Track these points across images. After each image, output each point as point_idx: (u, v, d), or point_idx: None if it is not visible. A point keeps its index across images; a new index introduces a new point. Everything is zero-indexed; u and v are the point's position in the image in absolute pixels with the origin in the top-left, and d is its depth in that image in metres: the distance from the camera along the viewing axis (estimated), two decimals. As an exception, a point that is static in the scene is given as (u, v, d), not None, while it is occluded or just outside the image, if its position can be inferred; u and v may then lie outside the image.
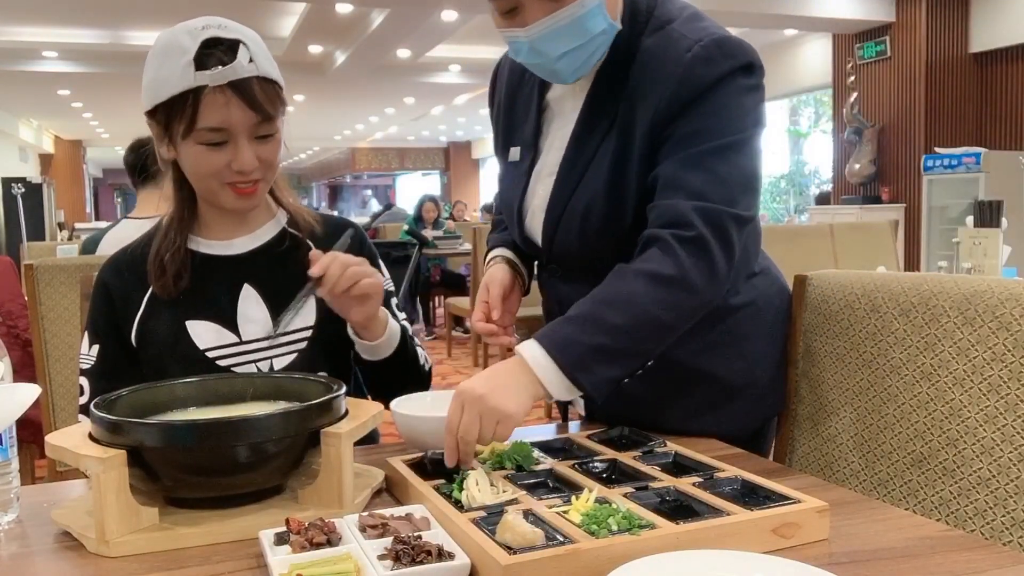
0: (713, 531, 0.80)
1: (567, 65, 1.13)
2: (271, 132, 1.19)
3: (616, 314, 1.03)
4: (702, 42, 1.11)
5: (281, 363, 1.26)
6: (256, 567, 0.81)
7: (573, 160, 1.21)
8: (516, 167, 1.31)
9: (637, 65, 1.15)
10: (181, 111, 1.14)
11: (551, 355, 1.01)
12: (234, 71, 1.12)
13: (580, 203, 1.20)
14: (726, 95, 1.10)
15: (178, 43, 1.14)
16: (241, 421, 0.89)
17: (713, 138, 1.09)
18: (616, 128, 1.17)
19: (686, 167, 1.09)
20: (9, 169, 13.51)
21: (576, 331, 1.03)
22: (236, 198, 1.21)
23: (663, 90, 1.11)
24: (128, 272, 1.29)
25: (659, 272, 1.05)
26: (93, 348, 1.28)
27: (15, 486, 0.95)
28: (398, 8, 7.64)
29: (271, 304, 1.28)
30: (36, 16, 8.48)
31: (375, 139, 21.07)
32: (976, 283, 1.09)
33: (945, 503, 1.09)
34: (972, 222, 3.25)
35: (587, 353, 1.02)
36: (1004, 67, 7.64)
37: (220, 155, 1.17)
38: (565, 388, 1.01)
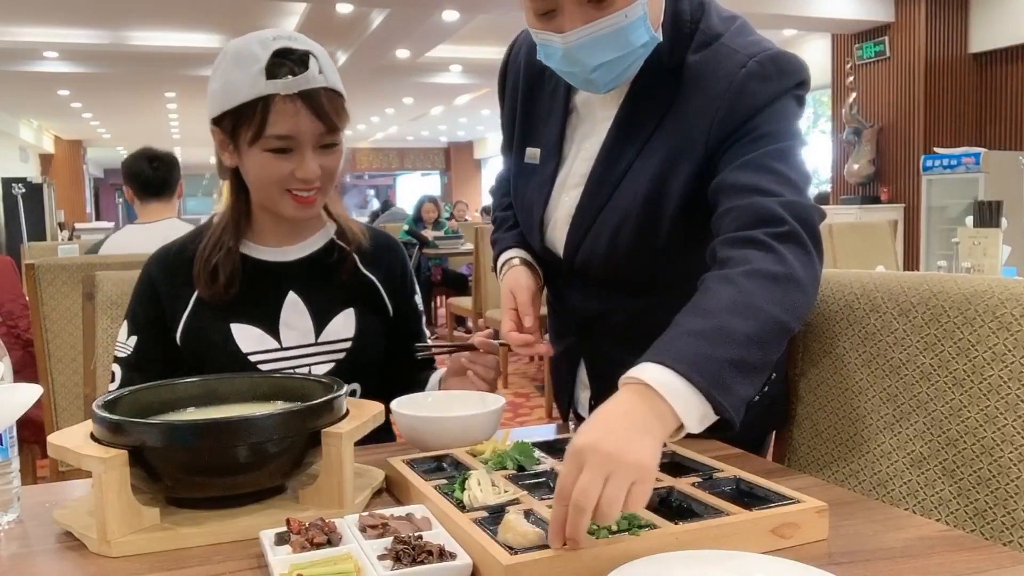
0: (712, 531, 0.80)
1: (602, 76, 1.09)
2: (335, 142, 1.22)
3: (742, 322, 0.90)
4: (756, 58, 1.08)
5: (320, 371, 1.29)
6: (257, 567, 0.81)
7: (604, 173, 1.18)
8: (536, 171, 1.27)
9: (685, 81, 1.11)
10: (250, 118, 1.17)
11: (686, 377, 0.83)
12: (306, 80, 1.16)
13: (612, 217, 1.17)
14: (781, 112, 1.09)
15: (250, 52, 1.17)
16: (242, 421, 0.89)
17: (771, 142, 1.07)
18: (657, 143, 1.13)
19: (751, 171, 1.05)
20: (9, 169, 13.51)
21: (706, 346, 0.87)
22: (296, 207, 1.23)
23: (717, 107, 1.08)
24: (177, 271, 1.30)
25: (770, 271, 0.95)
26: (131, 339, 1.29)
27: (16, 486, 0.95)
28: (398, 8, 7.64)
29: (314, 313, 1.30)
30: (36, 16, 8.48)
31: (376, 139, 21.06)
32: (976, 283, 1.10)
33: (945, 503, 1.09)
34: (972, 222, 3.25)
35: (724, 369, 0.86)
36: (1004, 67, 7.64)
37: (285, 163, 1.19)
38: (700, 416, 0.85)
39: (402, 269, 1.42)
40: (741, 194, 1.04)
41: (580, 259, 1.22)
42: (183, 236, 1.36)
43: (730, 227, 1.02)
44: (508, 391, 5.27)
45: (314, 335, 1.30)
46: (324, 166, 1.22)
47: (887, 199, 8.07)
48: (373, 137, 20.59)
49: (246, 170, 1.24)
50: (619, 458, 0.75)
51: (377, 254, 1.38)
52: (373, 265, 1.37)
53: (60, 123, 16.45)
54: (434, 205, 8.38)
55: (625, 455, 0.75)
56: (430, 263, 7.61)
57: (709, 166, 1.10)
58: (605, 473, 0.74)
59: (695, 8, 1.14)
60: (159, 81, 11.34)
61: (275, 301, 1.29)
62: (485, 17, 8.24)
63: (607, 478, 0.74)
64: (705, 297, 0.94)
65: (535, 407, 4.86)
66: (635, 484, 0.75)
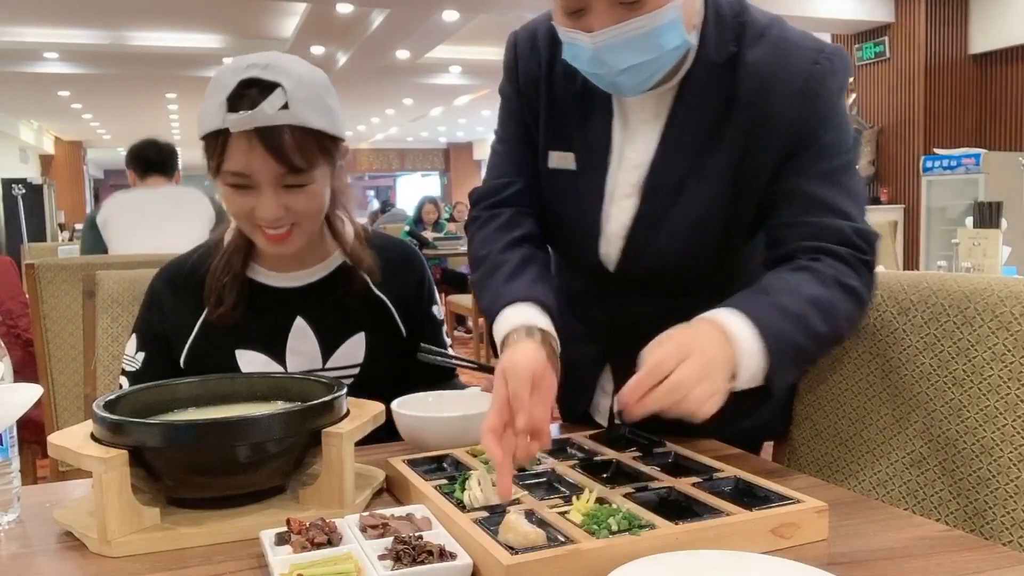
0: (712, 531, 0.80)
1: (630, 79, 1.03)
2: (302, 183, 1.14)
3: (820, 321, 0.98)
4: (824, 53, 1.07)
5: None
6: (257, 567, 0.81)
7: (661, 179, 1.12)
8: (573, 180, 1.17)
9: (748, 78, 1.07)
10: (212, 150, 1.13)
11: (764, 341, 0.93)
12: (254, 118, 1.08)
13: (682, 223, 1.12)
14: (843, 109, 1.10)
15: (222, 79, 1.12)
16: (242, 421, 0.89)
17: (841, 153, 1.08)
18: (723, 140, 1.09)
19: (826, 185, 1.06)
20: (9, 170, 13.52)
21: (790, 327, 0.96)
22: (267, 243, 1.19)
23: (795, 105, 1.06)
24: (184, 292, 1.27)
25: (853, 288, 1.02)
26: (139, 354, 1.28)
27: (16, 486, 0.95)
28: (398, 8, 7.64)
29: (321, 338, 1.28)
30: (36, 17, 8.48)
31: (376, 140, 21.07)
32: (976, 282, 1.10)
33: (944, 503, 1.09)
34: (972, 223, 3.26)
35: (793, 352, 0.96)
36: (1003, 68, 7.64)
37: (245, 199, 1.14)
38: (751, 378, 0.94)
39: (418, 281, 1.36)
40: (815, 210, 1.06)
41: (639, 270, 1.16)
42: (191, 254, 1.32)
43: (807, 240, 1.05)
44: (508, 392, 5.25)
45: (321, 361, 1.28)
46: (291, 206, 1.14)
47: (887, 200, 8.07)
48: (373, 138, 20.60)
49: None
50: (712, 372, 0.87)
51: (390, 272, 1.33)
52: (385, 285, 1.33)
53: (60, 124, 16.46)
54: (434, 206, 8.38)
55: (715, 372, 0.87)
56: (430, 263, 7.62)
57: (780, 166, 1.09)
58: (702, 375, 0.85)
59: (733, 2, 1.11)
60: (159, 82, 11.35)
61: (282, 327, 1.27)
62: (485, 17, 8.24)
63: (700, 380, 0.85)
64: (796, 280, 1.01)
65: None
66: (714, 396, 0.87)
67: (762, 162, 1.09)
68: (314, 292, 1.28)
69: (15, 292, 2.80)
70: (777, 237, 1.09)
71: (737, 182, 1.10)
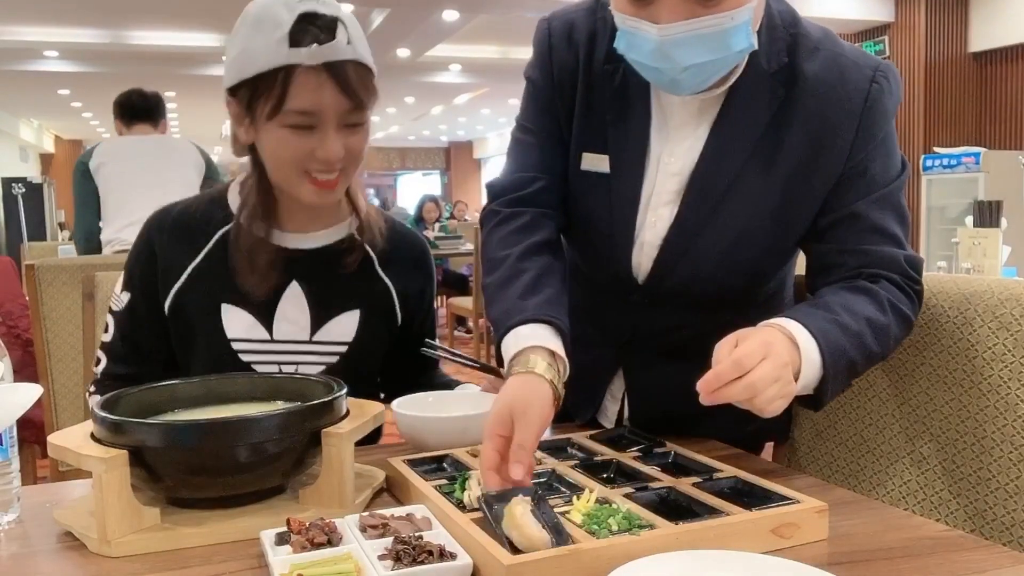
0: (712, 531, 0.80)
1: (691, 78, 0.98)
2: (361, 121, 1.13)
3: (875, 342, 1.01)
4: (879, 70, 1.06)
5: (308, 370, 1.22)
6: (257, 567, 0.81)
7: (705, 188, 1.08)
8: (603, 182, 1.12)
9: (806, 89, 1.05)
10: (269, 90, 1.07)
11: (824, 358, 0.95)
12: (332, 51, 1.05)
13: (723, 235, 1.09)
14: (894, 126, 1.10)
15: (273, 15, 1.06)
16: (242, 421, 0.89)
17: (894, 176, 1.08)
18: (771, 151, 1.06)
19: (884, 209, 1.07)
20: (9, 169, 13.51)
21: (847, 343, 0.98)
22: (315, 191, 1.14)
23: (852, 123, 1.05)
24: (177, 233, 1.22)
25: (907, 316, 1.05)
26: (124, 295, 1.25)
27: (16, 486, 0.95)
28: (398, 8, 7.64)
29: (314, 308, 1.22)
30: (36, 16, 8.48)
31: (376, 139, 20.95)
32: (975, 283, 1.10)
33: (944, 503, 1.09)
34: (972, 222, 3.25)
35: (846, 368, 0.99)
36: (1004, 67, 7.64)
37: (306, 141, 1.10)
38: (802, 390, 0.96)
39: (422, 287, 1.33)
40: (875, 237, 1.06)
41: (670, 281, 1.13)
42: (184, 201, 1.27)
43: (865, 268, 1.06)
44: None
45: (309, 332, 1.22)
46: (348, 146, 1.12)
47: (887, 199, 8.07)
48: (374, 136, 20.47)
49: (262, 147, 1.14)
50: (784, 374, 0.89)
51: (397, 258, 1.29)
52: (391, 270, 1.28)
53: (60, 123, 16.46)
54: (435, 205, 8.39)
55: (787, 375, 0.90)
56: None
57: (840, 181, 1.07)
58: (777, 375, 0.88)
59: (784, 13, 1.08)
60: (159, 80, 11.32)
61: (276, 289, 1.20)
62: (485, 17, 8.23)
63: (774, 381, 0.88)
64: (855, 299, 1.02)
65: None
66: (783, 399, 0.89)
67: (818, 179, 1.07)
68: (316, 258, 1.23)
69: (15, 293, 2.80)
70: (833, 262, 1.09)
71: (788, 197, 1.07)
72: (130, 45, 9.37)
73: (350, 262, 1.23)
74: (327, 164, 1.11)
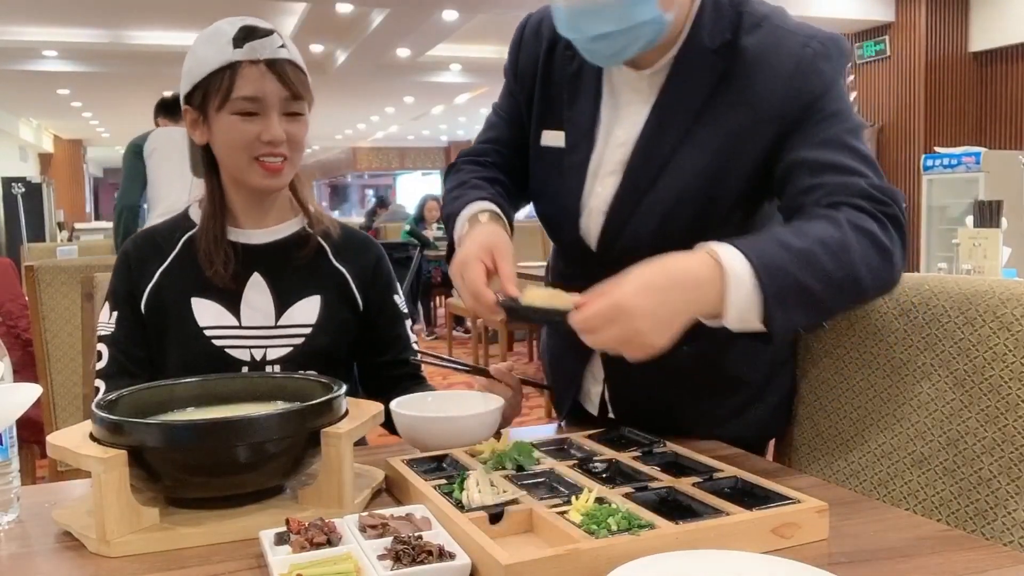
0: (713, 531, 0.80)
1: (602, 48, 1.08)
2: (300, 111, 1.28)
3: (830, 260, 0.95)
4: (818, 38, 1.09)
5: (276, 353, 1.30)
6: (256, 567, 0.81)
7: (646, 158, 1.15)
8: (561, 157, 1.22)
9: (742, 63, 1.10)
10: (219, 85, 1.23)
11: (757, 274, 0.90)
12: (269, 49, 1.23)
13: (660, 203, 1.14)
14: (841, 91, 1.11)
15: (218, 30, 1.25)
16: (241, 421, 0.89)
17: (844, 120, 1.08)
18: (708, 125, 1.11)
19: (832, 149, 1.06)
20: (9, 169, 13.50)
21: (789, 260, 0.93)
22: (263, 174, 1.26)
23: (786, 87, 1.08)
24: (148, 244, 1.36)
25: (875, 235, 0.99)
26: (112, 315, 1.33)
27: (15, 486, 0.95)
28: (398, 8, 7.63)
29: (276, 295, 1.32)
30: (36, 16, 8.48)
31: (376, 138, 21.06)
32: (976, 283, 1.10)
33: (945, 503, 1.09)
34: (972, 222, 3.25)
35: (794, 289, 0.92)
36: (1004, 67, 7.63)
37: (252, 126, 1.24)
38: (744, 316, 0.91)
39: (375, 265, 1.42)
40: (828, 171, 1.05)
41: (618, 248, 1.17)
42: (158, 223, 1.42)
43: (824, 199, 1.03)
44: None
45: (274, 318, 1.31)
46: (290, 133, 1.26)
47: (887, 199, 8.07)
48: (373, 136, 20.59)
49: (216, 140, 1.28)
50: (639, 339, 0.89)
51: (349, 248, 1.40)
52: (344, 259, 1.39)
53: (60, 122, 16.45)
54: (437, 204, 8.38)
55: (645, 337, 0.89)
56: (431, 264, 7.61)
57: (777, 146, 1.09)
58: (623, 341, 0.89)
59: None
60: (159, 80, 11.31)
61: (239, 281, 1.31)
62: (484, 17, 8.23)
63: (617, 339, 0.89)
64: (809, 224, 0.99)
65: (534, 407, 4.86)
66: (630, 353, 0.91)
67: (752, 144, 1.10)
68: (273, 250, 1.34)
69: (15, 294, 2.80)
70: (793, 206, 1.08)
71: (721, 164, 1.12)
72: (130, 45, 9.37)
73: (305, 253, 1.36)
74: (272, 145, 1.25)
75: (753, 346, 1.13)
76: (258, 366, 1.29)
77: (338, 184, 27.38)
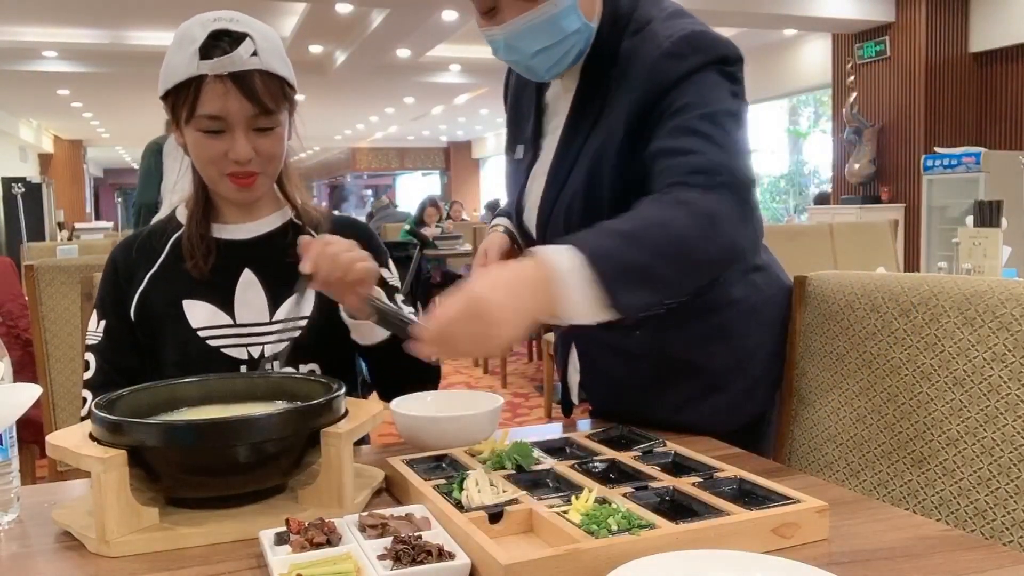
0: (713, 531, 0.80)
1: (542, 62, 1.18)
2: (271, 125, 1.22)
3: (656, 233, 0.97)
4: (672, 38, 1.13)
5: (273, 349, 1.28)
6: (256, 567, 0.81)
7: (560, 159, 1.25)
8: (519, 165, 1.35)
9: (617, 66, 1.18)
10: (185, 97, 1.19)
11: (589, 264, 0.90)
12: (232, 62, 1.16)
13: (564, 201, 1.24)
14: (701, 84, 1.11)
15: (190, 33, 1.19)
16: (241, 421, 0.89)
17: (698, 108, 1.09)
18: (597, 127, 1.20)
19: (678, 135, 1.08)
20: (9, 169, 13.50)
21: (615, 244, 0.94)
22: (234, 189, 1.24)
23: (637, 86, 1.14)
24: (136, 250, 1.34)
25: (698, 204, 1.00)
26: (100, 324, 1.32)
27: (15, 486, 0.95)
28: (398, 8, 7.63)
29: (269, 291, 1.30)
30: (36, 16, 8.48)
31: (375, 139, 21.06)
32: (976, 283, 1.10)
33: (945, 503, 1.09)
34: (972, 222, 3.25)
35: (627, 268, 0.93)
36: (1004, 67, 7.63)
37: (218, 144, 1.20)
38: (589, 305, 0.91)
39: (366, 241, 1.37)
40: (665, 158, 1.09)
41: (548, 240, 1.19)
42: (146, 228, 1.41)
43: (663, 182, 1.07)
44: (507, 391, 5.27)
45: (268, 314, 1.29)
46: (260, 149, 1.22)
47: (888, 199, 8.07)
48: (373, 136, 20.59)
49: (189, 149, 1.26)
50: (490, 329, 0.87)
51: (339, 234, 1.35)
52: None
53: (60, 123, 16.45)
54: (435, 209, 8.39)
55: (497, 327, 0.87)
56: (431, 264, 7.61)
57: (632, 146, 1.15)
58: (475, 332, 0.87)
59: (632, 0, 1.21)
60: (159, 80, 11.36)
61: (230, 278, 1.29)
62: (485, 17, 8.22)
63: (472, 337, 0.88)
64: (635, 209, 1.02)
65: (534, 407, 4.86)
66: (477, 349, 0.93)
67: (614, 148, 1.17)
68: (262, 245, 1.32)
69: (15, 293, 2.80)
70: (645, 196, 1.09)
71: (594, 168, 1.19)
72: (130, 45, 9.36)
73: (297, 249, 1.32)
74: (238, 164, 1.22)
75: (704, 332, 1.24)
76: (256, 363, 1.27)
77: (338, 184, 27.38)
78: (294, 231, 1.33)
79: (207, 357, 1.25)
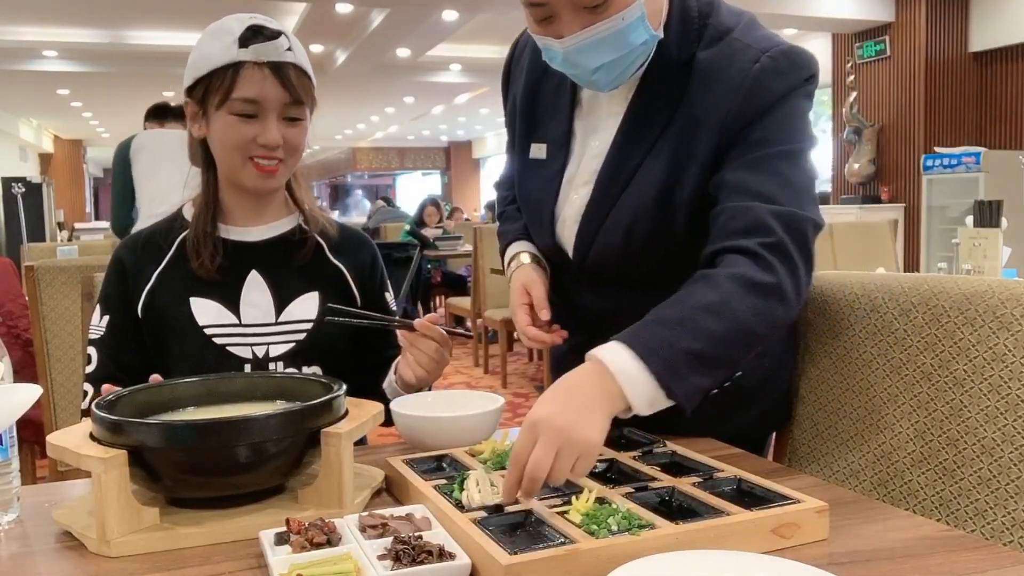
0: (713, 531, 0.80)
1: (604, 76, 1.10)
2: (299, 116, 1.27)
3: (712, 320, 0.96)
4: (769, 53, 1.08)
5: (278, 350, 1.30)
6: (256, 567, 0.81)
7: (615, 169, 1.17)
8: (542, 167, 1.26)
9: (696, 77, 1.11)
10: (220, 82, 1.23)
11: (643, 360, 0.91)
12: (274, 52, 1.23)
13: (625, 213, 1.16)
14: (794, 106, 1.09)
15: (226, 26, 1.25)
16: (241, 421, 0.89)
17: (779, 143, 1.07)
18: (669, 138, 1.13)
19: (754, 171, 1.06)
20: (9, 169, 13.50)
21: (669, 335, 0.94)
22: (257, 175, 1.27)
23: (730, 102, 1.08)
24: (143, 248, 1.35)
25: (753, 279, 0.99)
26: (104, 319, 1.33)
27: (16, 486, 0.95)
28: (398, 8, 7.63)
29: (275, 292, 1.32)
30: (36, 16, 8.48)
31: (376, 138, 21.05)
32: (976, 283, 1.10)
33: (945, 503, 1.09)
34: (972, 222, 3.25)
35: (681, 359, 0.93)
36: (1004, 67, 7.63)
37: (248, 128, 1.24)
38: (650, 399, 0.92)
39: (372, 263, 1.43)
40: (739, 195, 1.06)
41: (592, 257, 1.21)
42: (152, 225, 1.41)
43: (722, 230, 1.06)
44: (507, 391, 5.27)
45: (274, 315, 1.31)
46: (287, 137, 1.26)
47: (887, 199, 8.07)
48: (373, 136, 20.58)
49: (213, 137, 1.27)
50: (568, 435, 0.84)
51: (346, 245, 1.41)
52: (341, 255, 1.40)
53: (60, 122, 16.45)
54: (436, 208, 8.39)
55: (574, 432, 0.84)
56: (431, 265, 7.61)
57: (717, 161, 1.10)
58: (556, 447, 0.83)
59: (703, 4, 1.14)
60: (159, 80, 11.34)
61: (237, 279, 1.31)
62: (484, 17, 8.23)
63: (557, 452, 0.83)
64: (684, 292, 1.01)
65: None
66: (580, 458, 0.85)
67: (696, 157, 1.11)
68: (270, 247, 1.35)
69: (15, 293, 2.80)
70: (711, 227, 1.09)
71: (674, 180, 1.13)
72: (130, 45, 9.37)
73: (304, 252, 1.36)
74: (268, 149, 1.25)
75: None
76: (261, 363, 1.29)
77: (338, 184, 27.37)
78: (302, 235, 1.36)
79: (212, 355, 1.28)
